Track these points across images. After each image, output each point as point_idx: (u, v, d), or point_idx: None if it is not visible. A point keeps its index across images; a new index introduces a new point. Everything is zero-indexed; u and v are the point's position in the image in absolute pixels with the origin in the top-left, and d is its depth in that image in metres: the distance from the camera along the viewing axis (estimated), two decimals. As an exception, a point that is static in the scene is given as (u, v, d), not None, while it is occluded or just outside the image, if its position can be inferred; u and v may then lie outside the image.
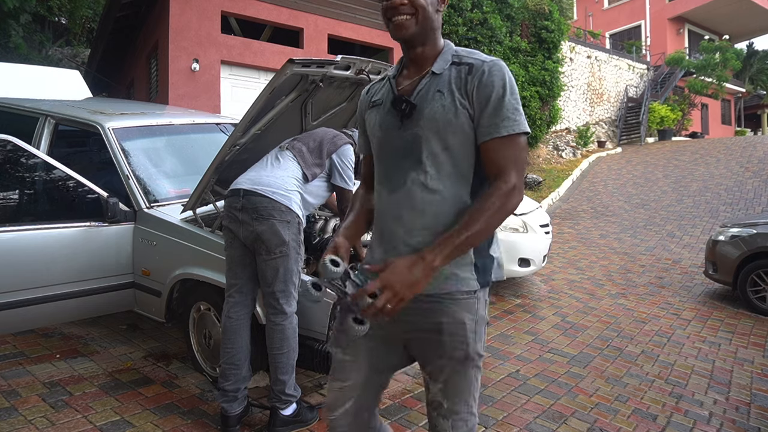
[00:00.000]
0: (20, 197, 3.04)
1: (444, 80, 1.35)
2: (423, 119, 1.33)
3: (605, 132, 19.24)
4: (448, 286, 1.36)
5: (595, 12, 26.68)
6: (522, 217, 5.24)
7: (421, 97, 1.35)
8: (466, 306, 1.38)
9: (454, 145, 1.33)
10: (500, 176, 1.29)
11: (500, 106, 1.30)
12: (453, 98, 1.32)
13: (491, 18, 10.45)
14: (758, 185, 12.02)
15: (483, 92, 1.30)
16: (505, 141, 1.30)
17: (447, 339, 1.37)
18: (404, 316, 1.35)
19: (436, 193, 1.33)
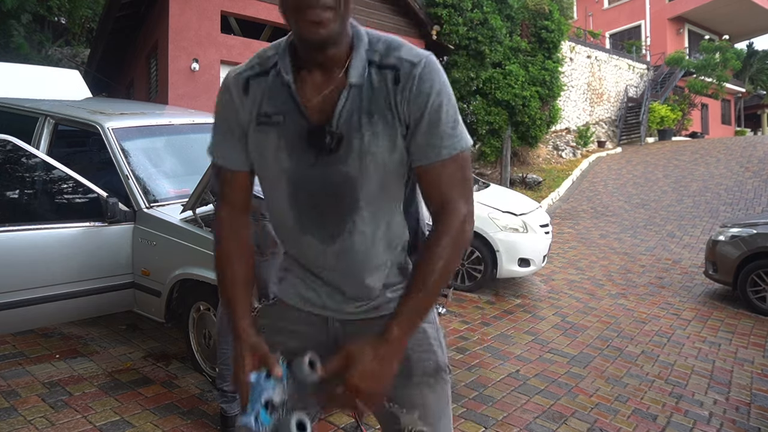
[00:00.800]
0: (20, 197, 3.04)
1: (367, 95, 1.05)
2: (353, 155, 1.04)
3: (605, 132, 19.24)
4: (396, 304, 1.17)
5: (595, 12, 26.68)
6: (522, 217, 5.24)
7: (346, 124, 1.04)
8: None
9: (393, 179, 1.10)
10: (447, 207, 1.07)
11: (437, 122, 1.04)
12: (385, 123, 1.04)
13: (491, 18, 10.44)
14: (758, 185, 12.01)
15: (415, 106, 1.04)
16: (447, 163, 1.06)
17: (414, 353, 1.18)
18: (352, 338, 1.15)
19: (377, 231, 1.12)
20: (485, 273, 5.17)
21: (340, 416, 2.72)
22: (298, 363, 1.05)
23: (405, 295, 1.06)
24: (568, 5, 22.50)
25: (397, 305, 1.06)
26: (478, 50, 10.41)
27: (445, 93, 1.06)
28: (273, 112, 1.09)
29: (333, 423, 2.67)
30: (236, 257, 1.18)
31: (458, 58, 10.60)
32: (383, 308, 1.19)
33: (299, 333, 1.22)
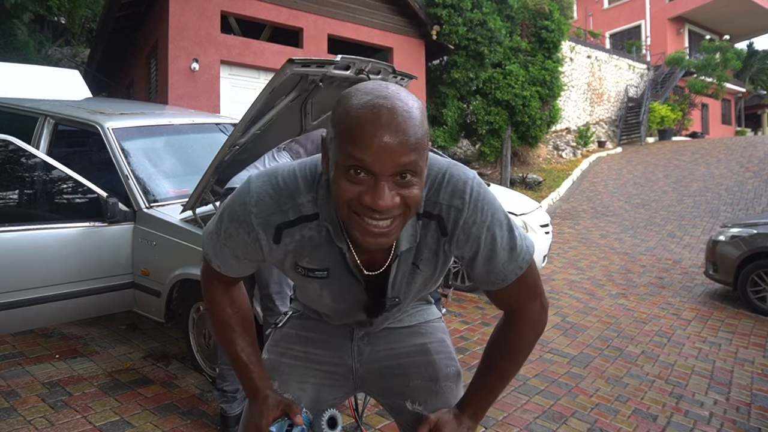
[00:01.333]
0: (20, 197, 3.04)
1: (415, 252, 1.02)
2: (403, 302, 1.12)
3: (605, 132, 19.24)
4: (420, 317, 1.31)
5: (595, 12, 26.67)
6: (522, 217, 5.24)
7: (397, 289, 1.06)
8: (440, 327, 1.33)
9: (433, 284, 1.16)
10: (518, 309, 1.09)
11: (494, 256, 0.99)
12: (432, 268, 1.06)
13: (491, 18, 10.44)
14: (758, 185, 12.01)
15: (467, 248, 1.00)
16: (513, 285, 1.03)
17: (437, 358, 1.24)
18: (376, 346, 1.25)
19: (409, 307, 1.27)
20: (485, 273, 5.16)
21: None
22: (317, 419, 1.13)
23: (477, 385, 1.13)
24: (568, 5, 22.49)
25: (473, 392, 1.14)
26: (478, 50, 10.41)
27: (496, 221, 0.98)
28: (317, 268, 1.01)
29: (333, 423, 2.66)
30: (237, 325, 1.13)
31: (458, 58, 10.59)
32: (406, 320, 1.28)
33: (324, 341, 1.24)
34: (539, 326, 1.09)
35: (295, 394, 1.18)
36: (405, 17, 10.21)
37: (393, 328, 1.26)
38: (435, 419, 1.10)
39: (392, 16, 10.07)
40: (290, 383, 1.20)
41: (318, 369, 1.22)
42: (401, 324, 1.26)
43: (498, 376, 1.11)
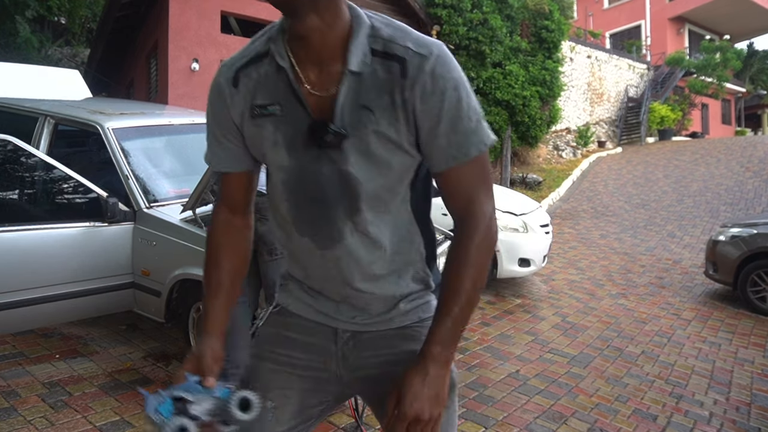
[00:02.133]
0: (20, 197, 3.04)
1: (368, 85, 0.94)
2: (354, 153, 0.96)
3: (605, 132, 19.24)
4: (414, 315, 1.13)
5: (596, 12, 26.68)
6: (522, 217, 5.24)
7: (349, 121, 0.95)
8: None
9: (400, 182, 1.02)
10: (472, 208, 1.00)
11: (458, 120, 0.94)
12: (389, 120, 0.94)
13: (491, 18, 10.45)
14: (758, 185, 12.01)
15: (431, 105, 0.93)
16: (472, 163, 0.97)
17: None
18: (363, 351, 1.12)
19: (381, 237, 1.03)
20: (485, 273, 5.17)
21: (340, 416, 2.72)
22: (235, 396, 1.01)
23: (440, 309, 1.01)
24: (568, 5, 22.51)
25: (434, 320, 1.01)
26: (479, 50, 10.41)
27: (463, 86, 0.95)
28: (268, 102, 0.99)
29: (333, 423, 2.66)
30: (225, 260, 1.13)
31: (458, 58, 10.52)
32: (397, 320, 1.12)
33: (307, 344, 1.14)
34: (490, 237, 1.00)
35: (279, 402, 1.11)
36: (405, 17, 10.21)
37: (383, 330, 1.12)
38: (396, 388, 0.99)
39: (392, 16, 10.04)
40: (272, 390, 1.12)
41: (301, 375, 1.13)
42: (392, 324, 1.11)
43: (457, 299, 0.98)
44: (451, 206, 1.04)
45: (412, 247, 1.10)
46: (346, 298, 1.10)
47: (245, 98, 1.01)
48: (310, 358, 1.13)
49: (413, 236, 1.09)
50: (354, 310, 1.11)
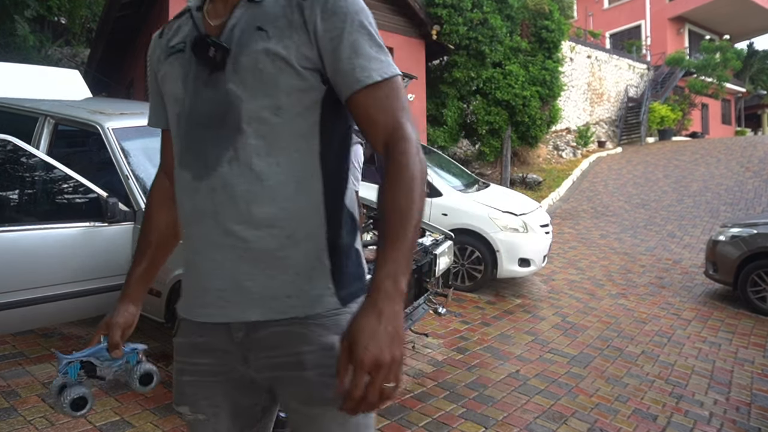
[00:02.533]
0: (20, 197, 3.04)
1: (267, 11, 0.94)
2: (240, 71, 0.92)
3: (605, 132, 19.24)
4: (297, 307, 0.97)
5: (596, 12, 26.68)
6: (522, 217, 5.24)
7: (236, 38, 0.94)
8: (335, 324, 0.97)
9: (290, 104, 0.93)
10: (397, 133, 0.92)
11: (360, 43, 0.92)
12: (282, 38, 0.91)
13: (491, 18, 10.44)
14: (758, 185, 12.01)
15: (332, 25, 0.91)
16: (382, 87, 0.93)
17: (313, 375, 0.96)
18: (252, 352, 1.00)
19: (268, 176, 0.93)
20: (485, 273, 5.17)
21: (340, 416, 2.72)
22: (138, 367, 1.12)
23: (386, 237, 0.88)
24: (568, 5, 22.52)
25: (376, 259, 0.88)
26: (478, 50, 10.41)
27: (365, 14, 0.94)
28: (177, 41, 1.02)
29: (333, 423, 2.66)
30: (154, 223, 1.17)
31: (458, 58, 10.59)
32: (301, 306, 0.96)
33: (208, 346, 1.03)
34: (423, 160, 0.93)
35: (209, 412, 1.04)
36: (405, 17, 10.21)
37: (285, 322, 0.96)
38: (346, 337, 0.86)
39: (392, 16, 10.07)
40: (198, 402, 1.04)
41: (217, 381, 1.04)
42: (293, 312, 0.96)
43: (404, 222, 0.88)
44: (372, 135, 0.95)
45: (313, 214, 0.96)
46: (220, 250, 0.96)
47: (164, 45, 1.06)
48: (215, 361, 1.03)
49: (316, 199, 0.96)
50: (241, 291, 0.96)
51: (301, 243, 0.95)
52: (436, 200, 5.31)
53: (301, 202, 0.95)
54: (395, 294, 0.85)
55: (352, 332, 0.84)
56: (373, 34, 0.95)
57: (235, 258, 0.95)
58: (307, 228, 0.95)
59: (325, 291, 0.97)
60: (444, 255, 3.64)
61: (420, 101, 10.39)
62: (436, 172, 5.63)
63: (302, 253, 0.95)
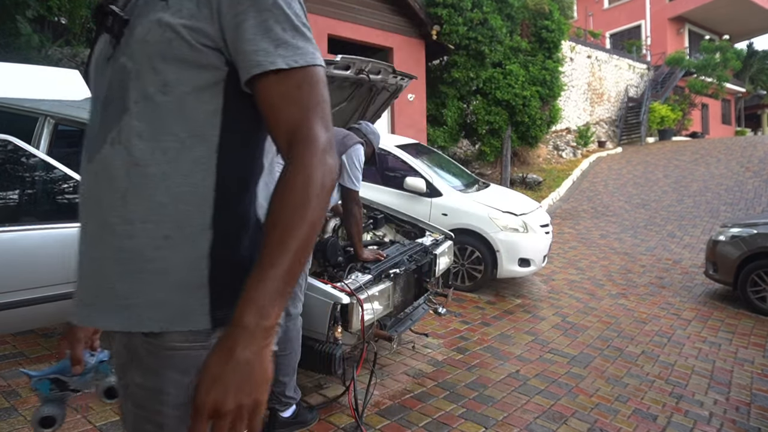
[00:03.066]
0: (20, 197, 3.04)
1: None
2: (132, 43, 0.82)
3: (605, 132, 19.24)
4: (159, 319, 0.81)
5: (596, 12, 26.67)
6: (522, 217, 5.24)
7: (138, 8, 0.85)
8: (181, 361, 0.82)
9: (179, 81, 0.81)
10: (297, 133, 0.80)
11: (269, 23, 0.81)
12: (180, 10, 0.81)
13: (491, 18, 10.44)
14: (758, 185, 12.01)
15: (241, 6, 0.80)
16: (292, 77, 0.81)
17: (132, 409, 0.87)
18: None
19: (148, 163, 0.81)
20: (485, 273, 5.17)
21: (339, 416, 2.72)
22: (103, 383, 1.12)
23: (259, 261, 0.76)
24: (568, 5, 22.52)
25: (251, 276, 0.76)
26: (478, 50, 10.41)
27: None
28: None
29: (333, 423, 2.66)
30: None
31: (458, 58, 10.60)
32: (165, 320, 0.81)
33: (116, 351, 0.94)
34: (326, 168, 0.79)
35: None
36: (405, 17, 10.21)
37: (124, 338, 0.87)
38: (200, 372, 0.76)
39: (392, 16, 10.07)
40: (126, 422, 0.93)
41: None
42: (137, 326, 0.82)
43: (285, 245, 0.75)
44: (274, 135, 0.84)
45: (196, 215, 0.82)
46: (95, 243, 0.85)
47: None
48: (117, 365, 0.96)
49: (203, 199, 0.83)
50: (108, 278, 0.83)
51: (179, 246, 0.81)
52: (436, 200, 5.31)
53: (184, 200, 0.81)
54: (257, 330, 0.73)
55: (201, 371, 0.74)
56: (290, 16, 0.83)
57: (109, 255, 0.83)
58: (188, 230, 0.82)
59: (197, 307, 0.82)
60: (444, 255, 3.65)
61: (420, 101, 10.39)
62: (436, 172, 5.63)
63: (179, 259, 0.82)
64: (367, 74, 3.03)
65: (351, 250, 3.13)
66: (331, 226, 3.36)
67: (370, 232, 3.77)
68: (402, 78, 3.47)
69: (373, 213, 3.81)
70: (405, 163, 5.53)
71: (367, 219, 3.72)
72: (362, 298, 2.59)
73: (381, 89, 3.44)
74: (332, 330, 2.55)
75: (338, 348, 2.53)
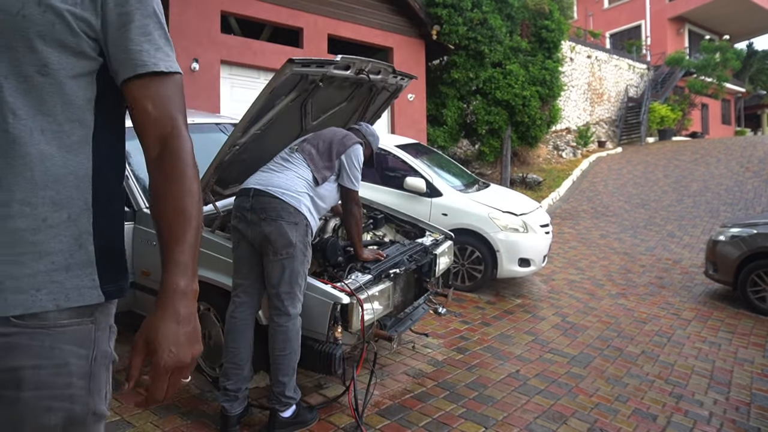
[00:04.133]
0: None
1: None
2: (1, 16, 0.81)
3: (605, 132, 19.24)
4: (45, 300, 0.83)
5: (596, 12, 26.68)
6: (522, 217, 5.24)
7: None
8: (73, 336, 0.86)
9: (60, 65, 0.84)
10: (173, 132, 0.91)
11: (150, 28, 0.90)
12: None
13: (491, 18, 10.44)
14: (758, 185, 12.01)
15: (125, 0, 0.88)
16: (166, 81, 0.91)
17: (30, 396, 0.83)
18: None
19: (26, 143, 0.81)
20: (485, 273, 5.17)
21: (340, 416, 2.72)
22: None
23: (170, 238, 0.88)
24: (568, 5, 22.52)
25: (166, 252, 0.87)
26: (478, 50, 10.41)
27: (158, 3, 0.94)
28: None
29: (333, 423, 2.67)
30: None
31: (458, 58, 10.60)
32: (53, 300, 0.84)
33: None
34: (194, 164, 0.93)
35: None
36: (405, 17, 10.22)
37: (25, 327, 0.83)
38: (139, 339, 0.85)
39: (392, 16, 10.07)
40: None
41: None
42: (18, 309, 0.82)
43: (187, 223, 0.89)
44: (147, 129, 0.92)
45: (77, 196, 0.87)
46: None
47: None
48: None
49: (82, 181, 0.88)
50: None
51: (60, 227, 0.85)
52: (436, 200, 5.31)
53: (64, 181, 0.85)
54: (188, 291, 0.87)
55: (153, 337, 0.83)
56: (164, 25, 0.93)
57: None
58: (70, 211, 0.86)
59: (89, 283, 0.88)
60: (444, 255, 3.65)
61: (420, 101, 10.39)
62: (436, 172, 5.63)
63: (62, 239, 0.86)
64: (367, 74, 3.03)
65: (351, 250, 3.13)
66: (331, 226, 3.36)
67: (370, 232, 3.77)
68: (402, 78, 3.47)
69: (373, 213, 3.81)
70: (405, 163, 5.53)
71: (367, 219, 3.72)
72: (362, 298, 2.59)
73: (381, 89, 3.44)
74: (332, 330, 2.55)
75: (338, 348, 2.53)
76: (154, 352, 0.83)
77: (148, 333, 0.85)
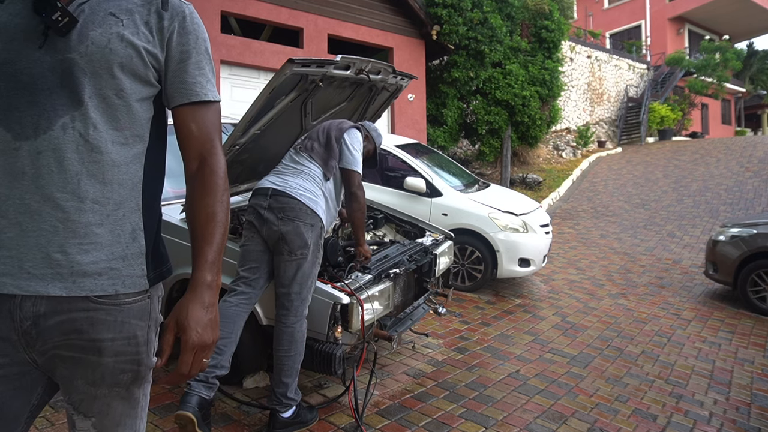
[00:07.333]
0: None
1: (122, 3, 1.01)
2: (88, 45, 0.96)
3: (605, 132, 19.25)
4: (106, 285, 1.00)
5: (596, 12, 26.68)
6: (522, 217, 5.24)
7: (86, 14, 0.97)
8: (138, 312, 1.05)
9: (132, 90, 1.01)
10: (213, 151, 1.09)
11: (203, 63, 1.09)
12: (137, 32, 1.01)
13: (491, 18, 10.43)
14: (758, 185, 12.01)
15: (185, 40, 1.07)
16: (211, 108, 1.11)
17: (110, 362, 1.02)
18: (40, 333, 0.97)
19: (104, 152, 0.98)
20: (485, 273, 5.17)
21: (340, 416, 2.72)
22: None
23: (202, 238, 1.05)
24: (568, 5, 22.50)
25: (198, 250, 1.05)
26: (478, 50, 10.41)
27: (208, 43, 1.13)
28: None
29: (333, 423, 2.67)
30: None
31: (458, 58, 10.60)
32: (111, 285, 1.01)
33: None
34: (225, 174, 1.11)
35: None
36: (405, 17, 10.21)
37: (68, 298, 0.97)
38: (171, 320, 1.02)
39: (392, 16, 10.07)
40: None
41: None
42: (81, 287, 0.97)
43: (217, 226, 1.06)
44: (191, 146, 1.09)
45: (133, 196, 1.05)
46: (33, 216, 0.94)
47: None
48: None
49: (137, 184, 1.05)
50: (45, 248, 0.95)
51: (119, 223, 1.02)
52: (436, 200, 5.31)
53: (127, 184, 1.02)
54: (214, 286, 1.04)
55: (183, 319, 1.01)
56: (212, 61, 1.13)
57: (49, 227, 0.95)
58: (125, 210, 1.03)
59: (138, 270, 1.05)
60: (444, 255, 3.65)
61: (420, 101, 10.39)
62: (436, 172, 5.63)
63: (120, 234, 1.02)
64: (367, 74, 3.03)
65: (351, 250, 3.13)
66: (332, 226, 3.36)
67: (370, 232, 3.77)
68: (402, 78, 3.47)
69: (373, 213, 3.81)
70: (405, 163, 5.53)
71: (367, 219, 3.72)
72: (362, 298, 2.59)
73: (381, 89, 3.44)
74: (332, 330, 2.55)
75: (338, 348, 2.53)
76: (183, 331, 1.00)
77: (179, 315, 1.01)
